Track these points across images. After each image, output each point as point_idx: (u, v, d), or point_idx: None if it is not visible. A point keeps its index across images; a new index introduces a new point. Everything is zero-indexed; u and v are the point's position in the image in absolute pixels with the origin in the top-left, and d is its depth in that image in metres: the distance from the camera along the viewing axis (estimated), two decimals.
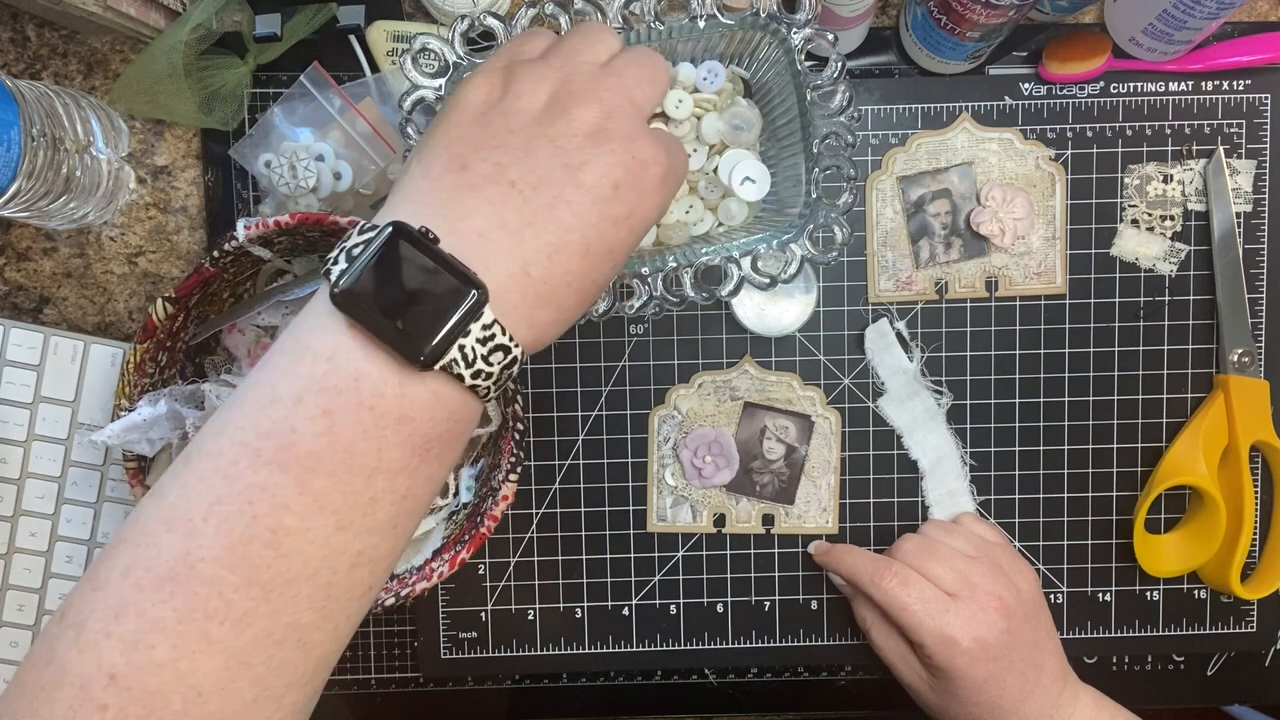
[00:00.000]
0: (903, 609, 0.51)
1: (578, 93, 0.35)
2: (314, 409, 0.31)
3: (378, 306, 0.31)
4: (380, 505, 0.32)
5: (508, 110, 0.35)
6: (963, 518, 0.59)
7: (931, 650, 0.51)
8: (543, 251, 0.33)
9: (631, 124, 0.35)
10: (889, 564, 0.53)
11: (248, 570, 0.31)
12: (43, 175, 0.51)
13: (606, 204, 0.34)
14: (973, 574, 0.52)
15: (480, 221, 0.33)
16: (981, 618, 0.51)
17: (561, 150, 0.34)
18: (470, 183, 0.33)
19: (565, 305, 0.35)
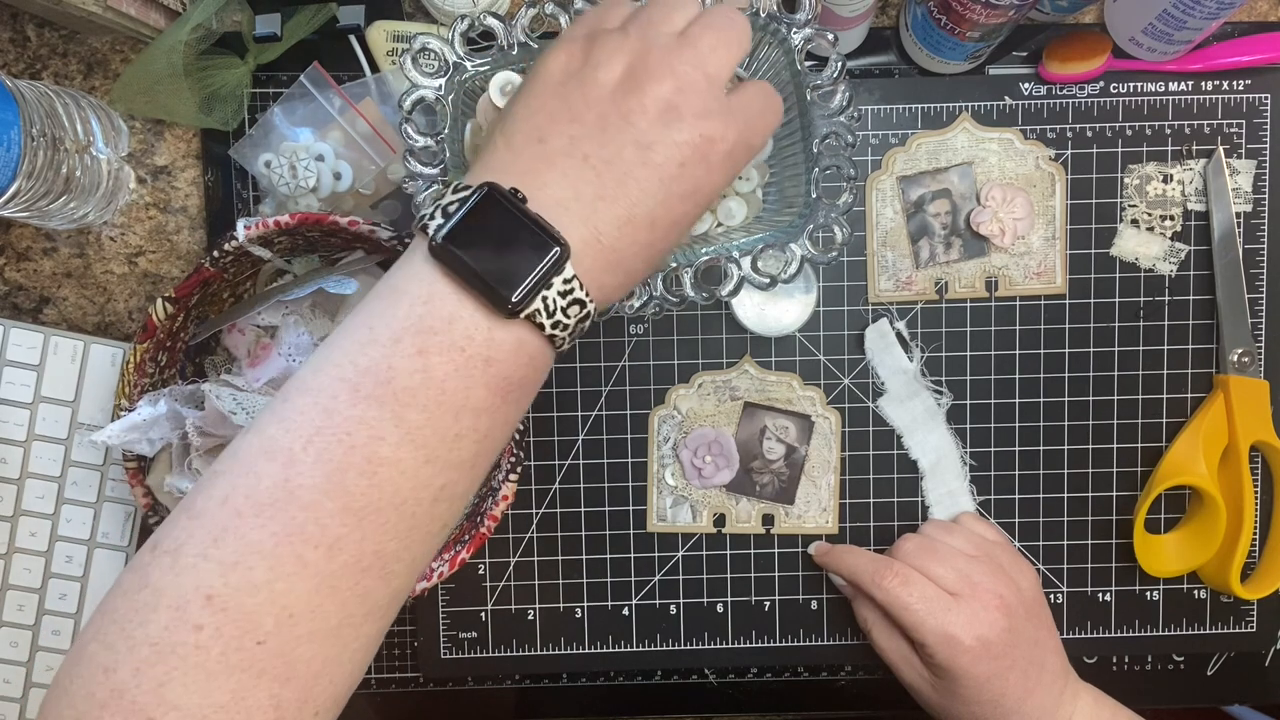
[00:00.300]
0: (904, 608, 0.51)
1: (652, 67, 0.36)
2: (410, 348, 0.34)
3: (472, 257, 0.34)
4: (464, 442, 0.35)
5: (584, 82, 0.37)
6: (962, 517, 0.59)
7: (934, 649, 0.50)
8: (613, 222, 0.36)
9: (702, 99, 0.36)
10: (890, 564, 0.53)
11: (343, 497, 0.33)
12: (43, 175, 0.51)
13: (673, 181, 0.36)
14: (974, 573, 0.52)
15: (558, 191, 0.36)
16: (984, 616, 0.51)
17: (633, 127, 0.36)
18: (547, 155, 0.36)
19: (632, 271, 0.37)
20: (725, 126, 0.37)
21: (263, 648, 0.31)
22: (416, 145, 0.47)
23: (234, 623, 0.31)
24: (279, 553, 0.32)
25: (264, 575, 0.32)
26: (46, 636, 0.57)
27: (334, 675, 0.33)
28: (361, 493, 0.33)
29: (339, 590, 0.33)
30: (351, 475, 0.33)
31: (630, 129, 0.36)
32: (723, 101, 0.37)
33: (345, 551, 0.33)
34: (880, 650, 0.54)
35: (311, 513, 0.32)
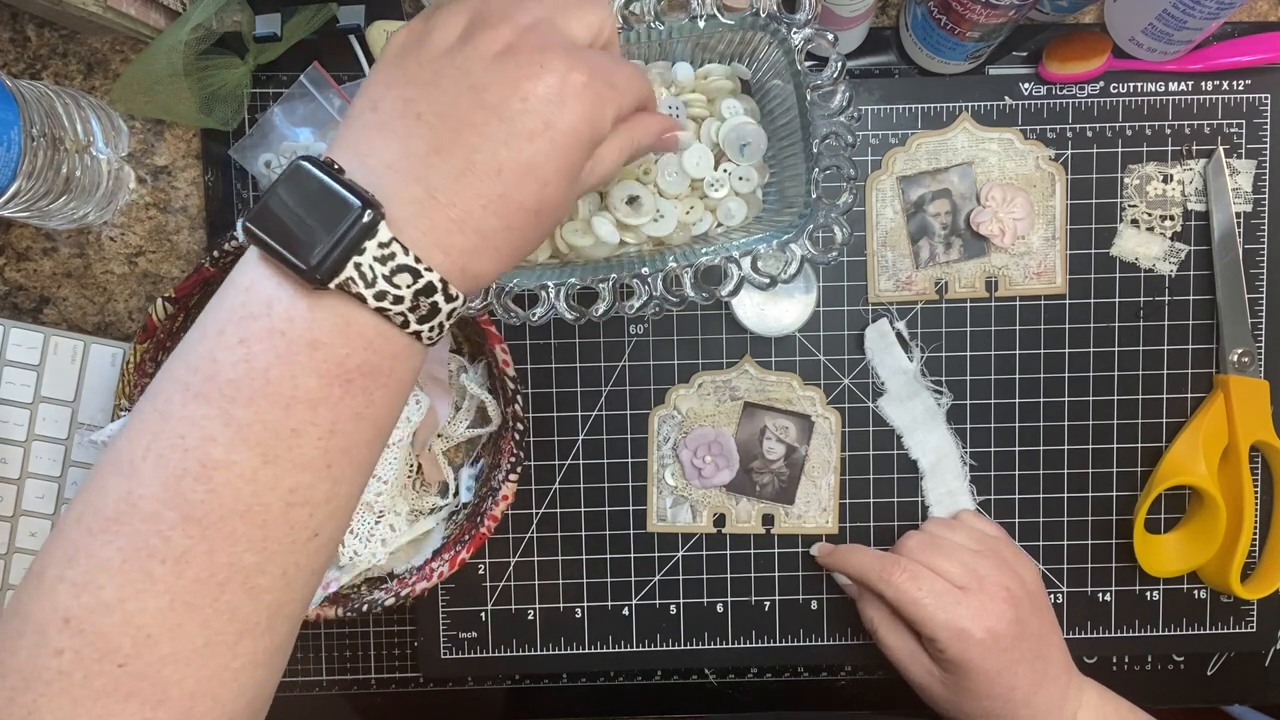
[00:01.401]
0: (913, 603, 0.51)
1: (489, 16, 0.35)
2: (232, 337, 0.32)
3: (275, 230, 0.32)
4: (304, 439, 0.32)
5: (420, 47, 0.35)
6: (962, 514, 0.59)
7: (945, 644, 0.50)
8: (449, 175, 0.33)
9: (544, 37, 0.34)
10: (897, 560, 0.53)
11: (183, 506, 0.31)
12: (43, 175, 0.51)
13: (515, 119, 0.33)
14: (979, 567, 0.52)
15: (387, 155, 0.33)
16: (992, 609, 0.50)
17: (466, 74, 0.34)
18: (380, 121, 0.34)
19: (487, 231, 0.34)
20: (572, 60, 0.34)
21: (124, 670, 0.30)
22: None
23: (92, 645, 0.30)
24: (126, 569, 0.31)
25: (114, 594, 0.30)
26: None
27: (217, 695, 0.32)
28: (200, 500, 0.31)
29: (197, 608, 0.31)
30: (188, 481, 0.31)
31: (464, 75, 0.33)
32: (568, 43, 0.35)
33: (194, 564, 0.31)
34: (887, 649, 0.54)
35: (154, 525, 0.31)
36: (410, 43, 0.36)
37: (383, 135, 0.34)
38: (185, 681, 0.31)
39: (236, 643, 0.32)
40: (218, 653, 0.32)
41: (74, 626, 0.30)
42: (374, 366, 0.33)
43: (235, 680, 0.32)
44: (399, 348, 0.34)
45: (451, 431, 0.57)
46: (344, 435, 0.33)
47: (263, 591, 0.32)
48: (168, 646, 0.31)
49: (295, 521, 0.33)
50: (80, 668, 0.30)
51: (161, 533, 0.31)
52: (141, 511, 0.31)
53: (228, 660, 0.32)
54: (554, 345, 0.60)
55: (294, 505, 0.32)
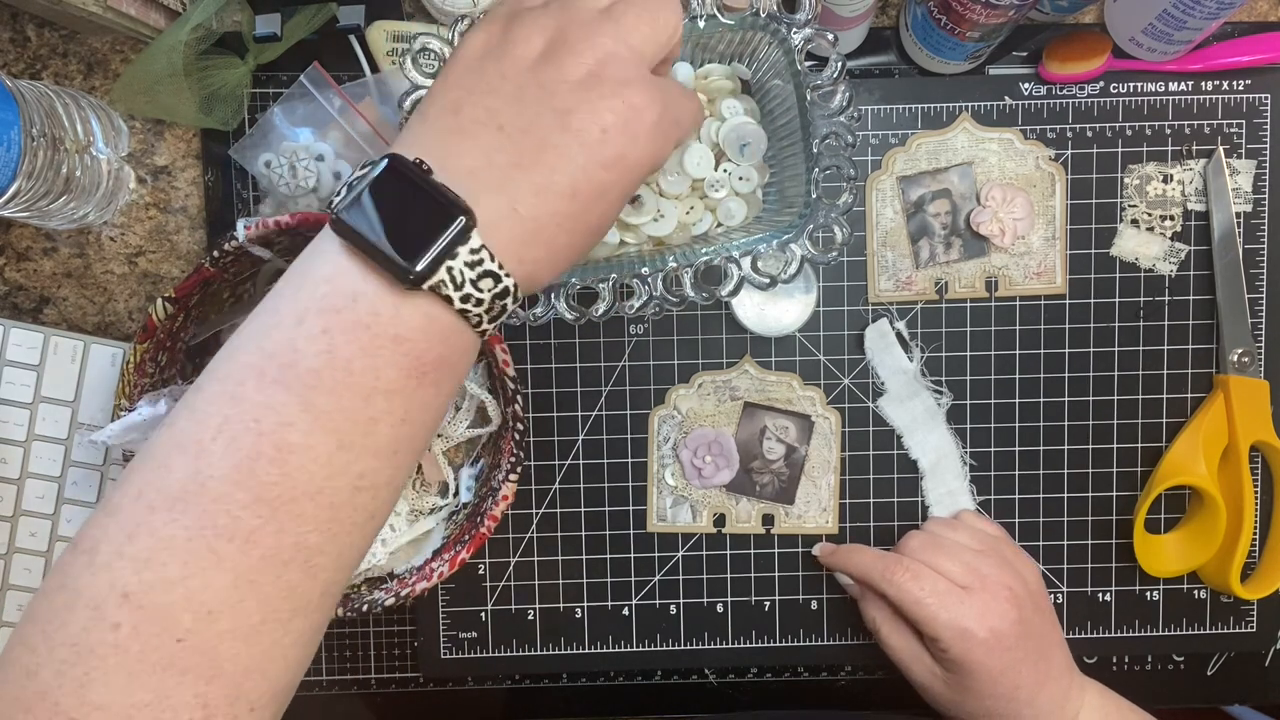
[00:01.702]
0: (916, 603, 0.51)
1: (572, 40, 0.35)
2: (314, 328, 0.32)
3: (372, 229, 0.33)
4: (380, 427, 0.33)
5: (502, 57, 0.36)
6: (963, 514, 0.59)
7: (948, 643, 0.50)
8: (530, 190, 0.34)
9: (626, 70, 0.36)
10: (899, 559, 0.53)
11: (255, 487, 0.32)
12: (43, 175, 0.51)
13: (594, 148, 0.35)
14: (982, 566, 0.52)
15: (470, 160, 0.34)
16: (995, 608, 0.50)
17: (551, 95, 0.35)
18: (461, 126, 0.35)
19: (555, 245, 0.35)
20: (650, 96, 0.36)
21: (183, 645, 0.31)
22: None
23: (151, 620, 0.31)
24: (192, 547, 0.31)
25: (178, 571, 0.31)
26: None
27: (266, 671, 0.33)
28: (274, 482, 0.32)
29: (259, 585, 0.32)
30: (262, 464, 0.32)
31: (549, 97, 0.35)
32: (646, 74, 0.36)
33: (261, 544, 0.32)
34: (890, 649, 0.54)
35: (223, 505, 0.31)
36: (491, 49, 0.36)
37: (465, 141, 0.35)
38: (240, 657, 0.32)
39: (290, 620, 0.33)
40: (272, 630, 0.32)
41: (134, 601, 0.31)
42: (447, 360, 0.35)
43: (284, 656, 0.33)
44: (468, 342, 0.35)
45: (451, 431, 0.57)
46: (413, 424, 0.34)
47: (320, 570, 0.33)
48: (227, 623, 0.31)
49: (359, 505, 0.34)
50: (138, 642, 0.30)
51: (231, 512, 0.31)
52: (211, 491, 0.31)
53: (279, 637, 0.33)
54: (554, 345, 0.60)
55: (361, 489, 0.34)
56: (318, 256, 0.34)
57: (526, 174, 0.34)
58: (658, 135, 0.36)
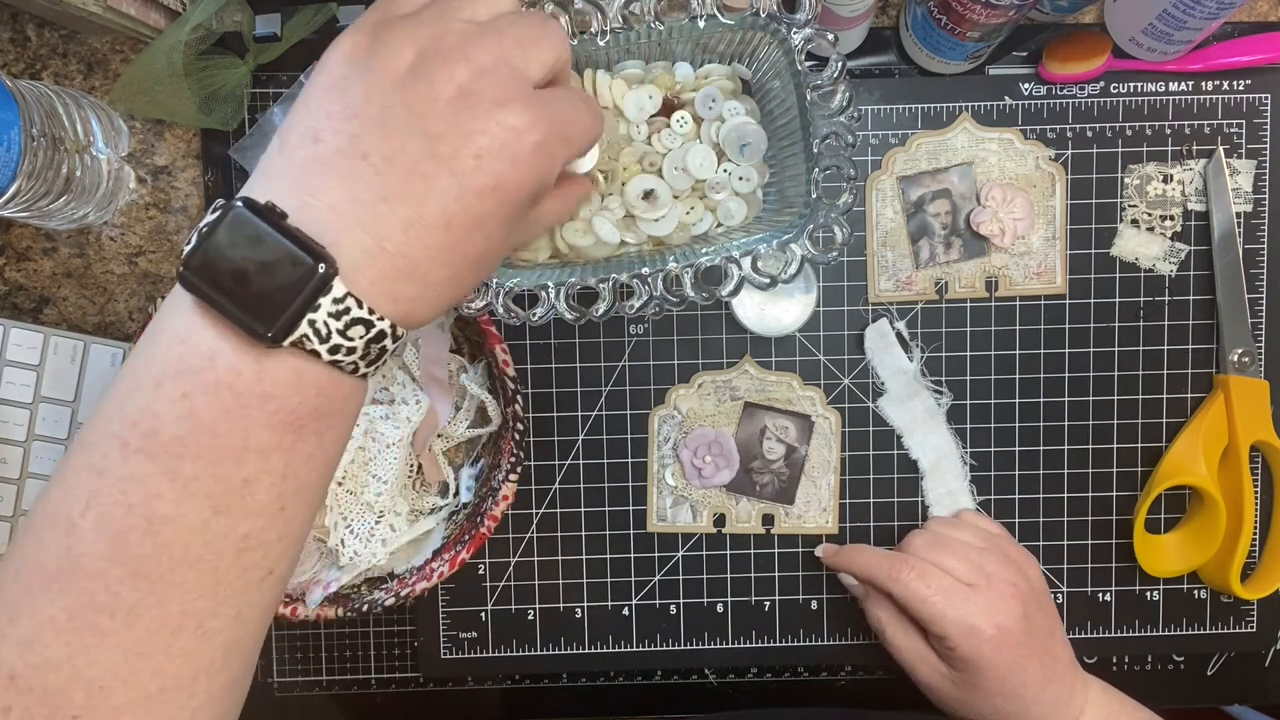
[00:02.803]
0: (923, 601, 0.51)
1: (445, 52, 0.33)
2: (173, 392, 0.30)
3: (221, 283, 0.30)
4: (258, 486, 0.31)
5: (367, 72, 0.33)
6: (963, 513, 0.59)
7: (955, 641, 0.50)
8: (397, 226, 0.32)
9: (502, 87, 0.33)
10: (904, 558, 0.53)
11: (130, 562, 0.30)
12: (43, 175, 0.51)
13: (467, 176, 0.32)
14: (986, 564, 0.52)
15: (332, 196, 0.31)
16: (1001, 605, 0.50)
17: (420, 117, 0.32)
18: (322, 156, 0.32)
19: (431, 280, 0.33)
20: (531, 116, 0.33)
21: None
22: None
23: (40, 701, 0.29)
24: (73, 626, 0.30)
25: (63, 651, 0.30)
26: None
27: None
28: (149, 555, 0.30)
29: (150, 656, 0.30)
30: (135, 537, 0.30)
31: (416, 119, 0.32)
32: (528, 91, 0.33)
33: (145, 616, 0.30)
34: (895, 649, 0.54)
35: (100, 581, 0.30)
36: (356, 63, 0.33)
37: (326, 174, 0.32)
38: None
39: (193, 683, 0.32)
40: (174, 696, 0.31)
41: (21, 684, 0.30)
42: (325, 410, 0.32)
43: (195, 716, 0.32)
44: (349, 389, 0.33)
45: (451, 431, 0.57)
46: (296, 477, 0.32)
47: (216, 633, 0.32)
48: (121, 696, 0.30)
49: (249, 565, 0.32)
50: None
51: (109, 588, 0.30)
52: (85, 569, 0.30)
53: (184, 701, 0.32)
54: (554, 345, 0.60)
55: (247, 550, 0.32)
56: (172, 311, 0.32)
57: (394, 207, 0.32)
58: (540, 157, 0.33)
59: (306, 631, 0.61)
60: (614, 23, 0.46)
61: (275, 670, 0.61)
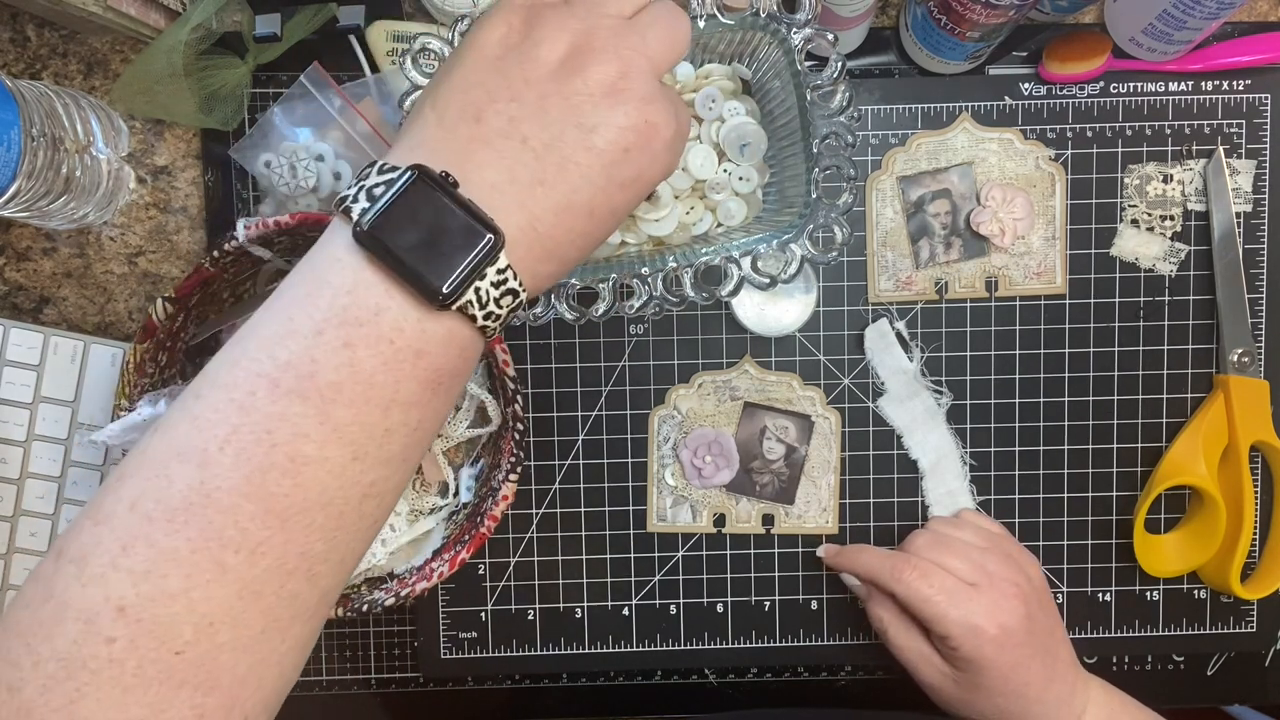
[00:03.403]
0: (925, 601, 0.50)
1: (598, 48, 0.35)
2: (335, 340, 0.32)
3: (400, 246, 0.32)
4: (394, 437, 0.33)
5: (524, 58, 0.35)
6: (964, 512, 0.59)
7: (958, 641, 0.50)
8: (550, 209, 0.34)
9: (647, 85, 0.35)
10: (907, 558, 0.52)
11: (265, 499, 0.31)
12: (43, 175, 0.51)
13: (616, 167, 0.35)
14: (988, 563, 0.52)
15: (493, 174, 0.34)
16: (1004, 604, 0.50)
17: (575, 109, 0.34)
18: (484, 135, 0.34)
19: (566, 259, 0.36)
20: (667, 113, 0.35)
21: (181, 658, 0.30)
22: None
23: (149, 634, 0.30)
24: (195, 560, 0.30)
25: (180, 584, 0.30)
26: None
27: (262, 679, 0.32)
28: (285, 494, 0.31)
29: (263, 595, 0.31)
30: (274, 476, 0.31)
31: (573, 110, 0.34)
32: (661, 87, 0.36)
33: (268, 556, 0.31)
34: (897, 650, 0.54)
35: (231, 516, 0.31)
36: (512, 47, 0.35)
37: (487, 153, 0.34)
38: (238, 667, 0.31)
39: (289, 627, 0.33)
40: (271, 638, 0.32)
41: (131, 614, 0.30)
42: (460, 370, 0.35)
43: (280, 664, 0.33)
44: (479, 349, 0.36)
45: (451, 431, 0.57)
46: (425, 431, 0.35)
47: (321, 577, 0.33)
48: (227, 634, 0.31)
49: (366, 512, 0.34)
50: (134, 655, 0.30)
51: (239, 524, 0.31)
52: (217, 503, 0.31)
53: (277, 644, 0.32)
54: (554, 345, 0.60)
55: (369, 497, 0.33)
56: (334, 264, 0.33)
57: (549, 192, 0.34)
58: (672, 151, 0.36)
59: None
60: None
61: None
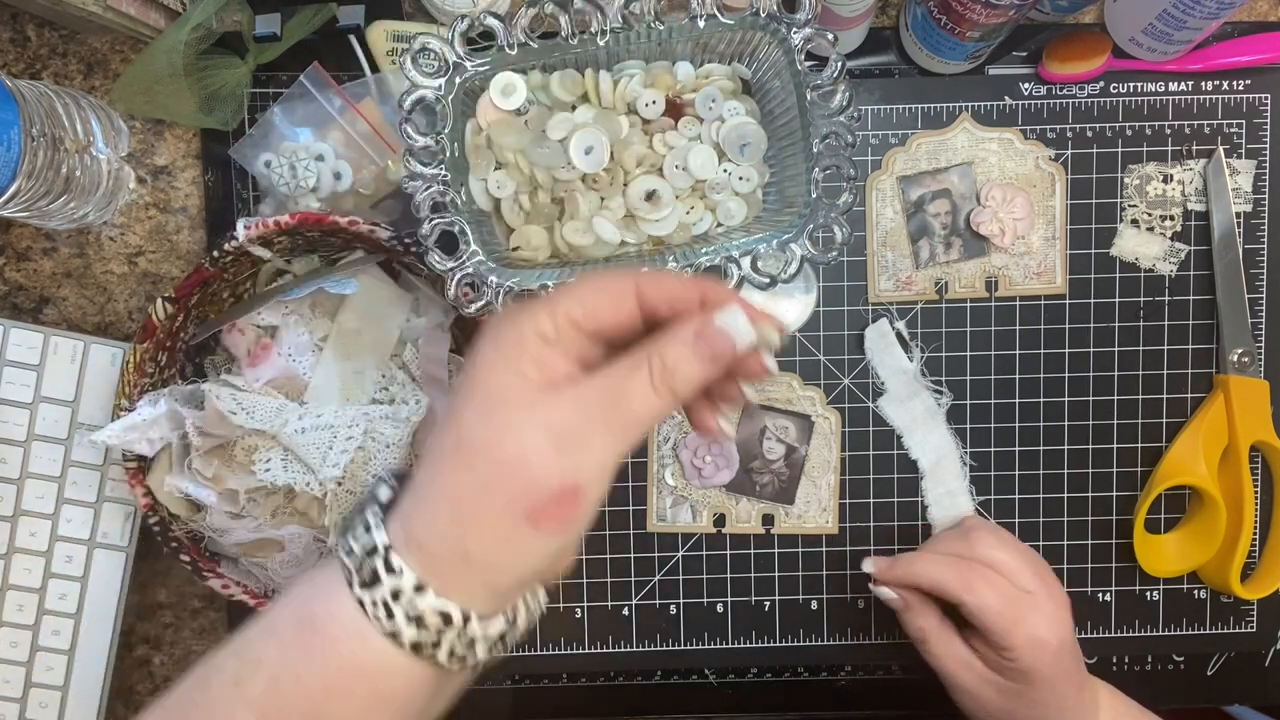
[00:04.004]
0: (999, 615, 0.49)
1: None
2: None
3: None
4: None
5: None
6: (967, 520, 0.58)
7: (1019, 654, 0.49)
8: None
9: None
10: (973, 568, 0.51)
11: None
12: (42, 175, 0.51)
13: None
14: (1040, 568, 0.52)
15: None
16: (1059, 615, 0.50)
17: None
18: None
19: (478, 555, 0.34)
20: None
21: None
22: (416, 145, 0.47)
23: None
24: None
25: None
26: (46, 636, 0.57)
27: None
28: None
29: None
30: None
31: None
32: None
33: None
34: (937, 659, 0.52)
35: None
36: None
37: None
38: None
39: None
40: None
41: None
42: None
43: None
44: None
45: None
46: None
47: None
48: None
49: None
50: None
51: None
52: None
53: None
54: None
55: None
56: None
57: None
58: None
59: None
60: (614, 23, 0.46)
61: None
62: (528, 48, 0.47)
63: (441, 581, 0.32)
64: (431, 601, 0.32)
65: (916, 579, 0.52)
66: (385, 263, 0.56)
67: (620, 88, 0.49)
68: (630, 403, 0.32)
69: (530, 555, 0.33)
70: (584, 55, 0.49)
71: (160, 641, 0.62)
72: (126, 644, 0.61)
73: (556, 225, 0.49)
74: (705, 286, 0.35)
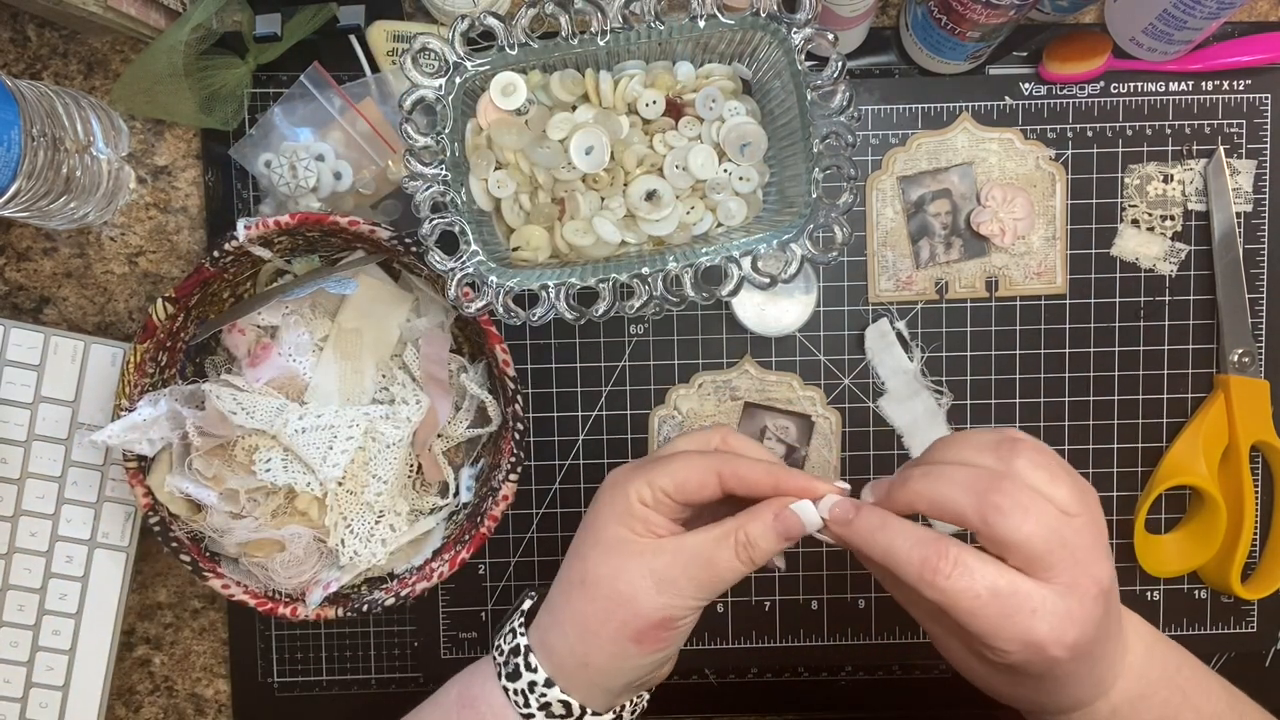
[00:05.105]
0: (972, 615, 0.36)
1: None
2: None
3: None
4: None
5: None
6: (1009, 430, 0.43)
7: (1015, 658, 0.37)
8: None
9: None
10: (939, 540, 0.37)
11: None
12: (43, 175, 0.51)
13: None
14: (1068, 532, 0.37)
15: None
16: (1078, 611, 0.37)
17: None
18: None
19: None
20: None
21: None
22: (417, 145, 0.47)
23: None
24: None
25: None
26: (46, 636, 0.57)
27: None
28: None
29: None
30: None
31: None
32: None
33: None
34: (942, 645, 0.42)
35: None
36: None
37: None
38: None
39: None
40: None
41: None
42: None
43: None
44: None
45: (451, 431, 0.57)
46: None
47: None
48: None
49: None
50: None
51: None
52: None
53: None
54: (554, 345, 0.60)
55: None
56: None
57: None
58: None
59: (306, 631, 0.61)
60: (614, 23, 0.46)
61: (275, 670, 0.61)
62: (528, 48, 0.47)
63: (567, 681, 0.43)
64: (558, 695, 0.43)
65: (870, 547, 0.39)
66: (385, 263, 0.56)
67: (620, 88, 0.49)
68: (718, 567, 0.42)
69: (635, 667, 0.43)
70: (584, 55, 0.49)
71: (160, 641, 0.62)
72: (127, 644, 0.61)
73: (557, 225, 0.49)
74: (779, 476, 0.42)
